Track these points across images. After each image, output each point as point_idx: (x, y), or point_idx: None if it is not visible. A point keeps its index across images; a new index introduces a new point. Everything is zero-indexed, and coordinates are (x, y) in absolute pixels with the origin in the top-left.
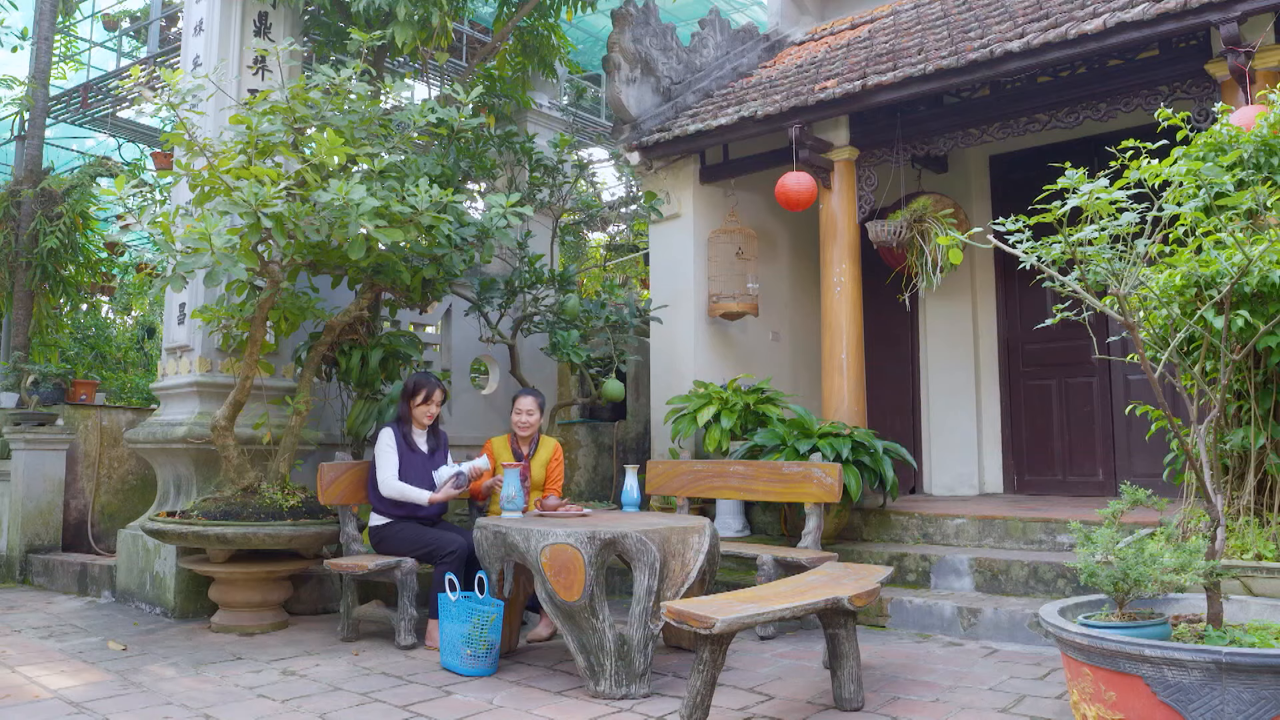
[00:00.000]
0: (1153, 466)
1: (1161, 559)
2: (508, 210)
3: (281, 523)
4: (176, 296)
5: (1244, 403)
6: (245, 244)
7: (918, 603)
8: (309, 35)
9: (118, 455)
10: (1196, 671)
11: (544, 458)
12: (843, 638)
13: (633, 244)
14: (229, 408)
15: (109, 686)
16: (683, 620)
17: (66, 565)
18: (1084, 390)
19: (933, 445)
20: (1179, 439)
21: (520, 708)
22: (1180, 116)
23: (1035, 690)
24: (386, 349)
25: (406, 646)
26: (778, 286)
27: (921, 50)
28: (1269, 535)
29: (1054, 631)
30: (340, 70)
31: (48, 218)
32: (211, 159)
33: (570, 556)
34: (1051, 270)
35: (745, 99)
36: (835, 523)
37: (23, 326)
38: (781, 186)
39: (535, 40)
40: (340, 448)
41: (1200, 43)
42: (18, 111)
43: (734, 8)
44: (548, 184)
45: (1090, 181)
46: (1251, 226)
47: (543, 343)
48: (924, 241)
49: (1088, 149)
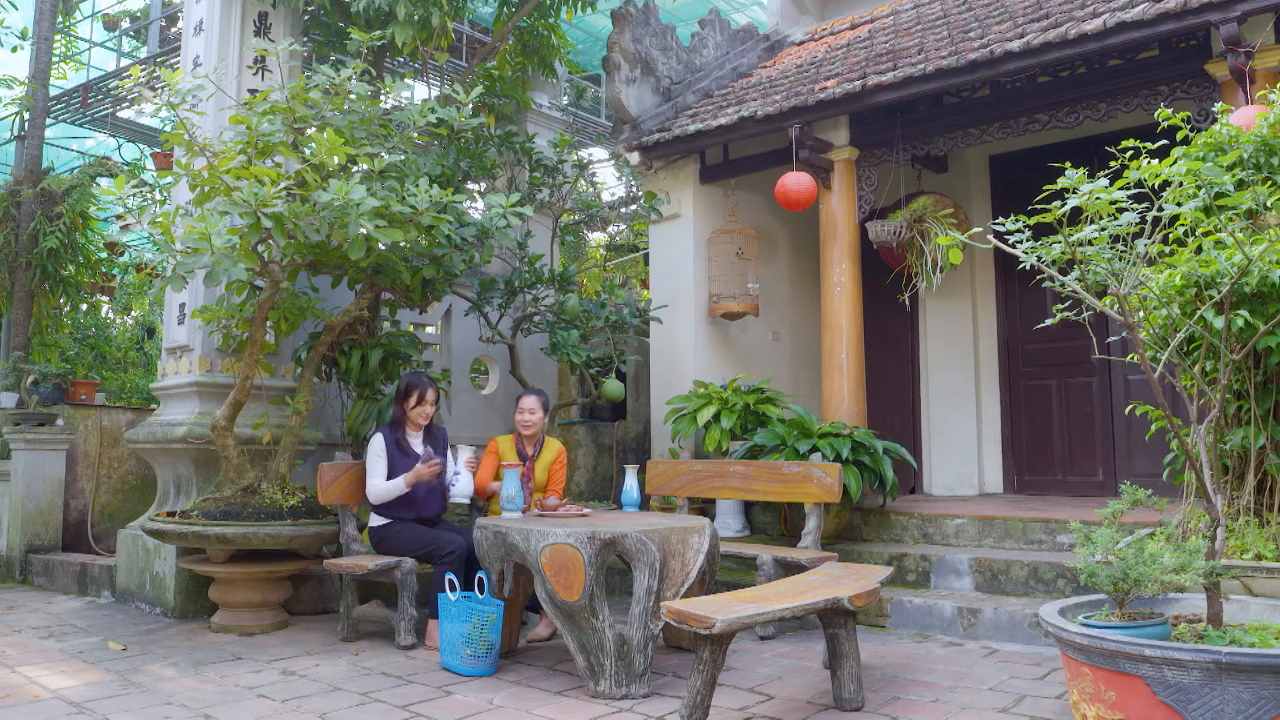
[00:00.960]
0: (1153, 466)
1: (1161, 559)
2: (508, 210)
3: (281, 523)
4: (176, 296)
5: (1244, 403)
6: (245, 244)
7: (918, 603)
8: (309, 35)
9: (118, 455)
10: (1196, 671)
11: (548, 459)
12: (843, 638)
13: (633, 244)
14: (229, 408)
15: (109, 686)
16: (683, 620)
17: (66, 565)
18: (1084, 390)
19: (933, 445)
20: (1179, 439)
21: (520, 708)
22: (1180, 116)
23: (1035, 690)
24: (386, 349)
25: (406, 646)
26: (778, 286)
27: (921, 50)
28: (1269, 535)
29: (1054, 631)
30: (340, 70)
31: (48, 218)
32: (211, 159)
33: (570, 556)
34: (1051, 270)
35: (745, 99)
36: (835, 523)
37: (23, 326)
38: (781, 186)
39: (535, 40)
40: (340, 448)
41: (1200, 43)
42: (18, 111)
43: (734, 8)
44: (548, 184)
45: (1090, 181)
46: (1251, 226)
47: (543, 343)
48: (924, 241)
49: (1088, 149)
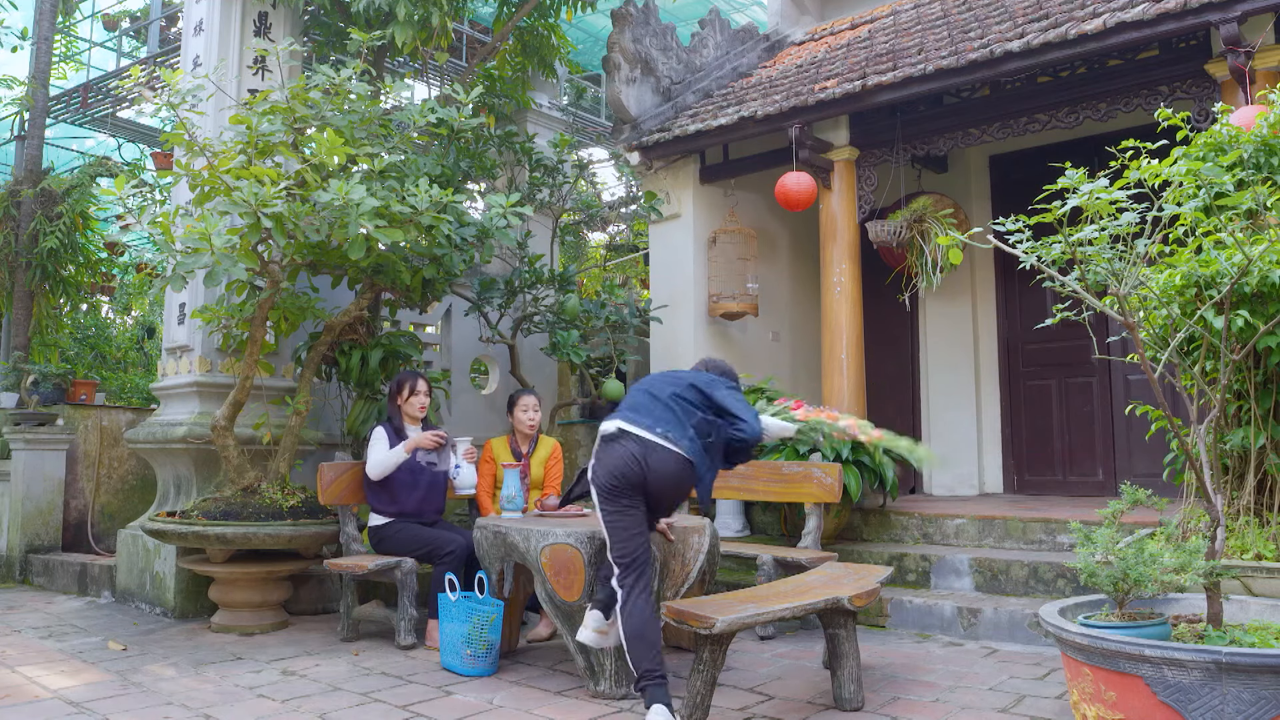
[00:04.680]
0: (1153, 466)
1: (1161, 559)
2: (508, 210)
3: (281, 523)
4: (176, 296)
5: (1244, 403)
6: (245, 244)
7: (918, 603)
8: (309, 35)
9: (118, 455)
10: (1196, 671)
11: (543, 455)
12: (843, 638)
13: (633, 244)
14: (229, 408)
15: (109, 686)
16: (683, 620)
17: (66, 565)
18: (1084, 390)
19: (933, 445)
20: (1179, 439)
21: (520, 708)
22: (1180, 116)
23: (1035, 690)
24: (386, 349)
25: (406, 646)
26: (778, 286)
27: (921, 50)
28: (1269, 535)
29: (1054, 631)
30: (340, 70)
31: (48, 218)
32: (211, 159)
33: (570, 556)
34: (1051, 270)
35: (745, 99)
36: (835, 523)
37: (23, 326)
38: (781, 186)
39: (535, 40)
40: (340, 448)
41: (1200, 43)
42: (18, 111)
43: (734, 8)
44: (548, 184)
45: (1090, 181)
46: (1251, 226)
47: (543, 343)
48: (924, 241)
49: (1088, 149)
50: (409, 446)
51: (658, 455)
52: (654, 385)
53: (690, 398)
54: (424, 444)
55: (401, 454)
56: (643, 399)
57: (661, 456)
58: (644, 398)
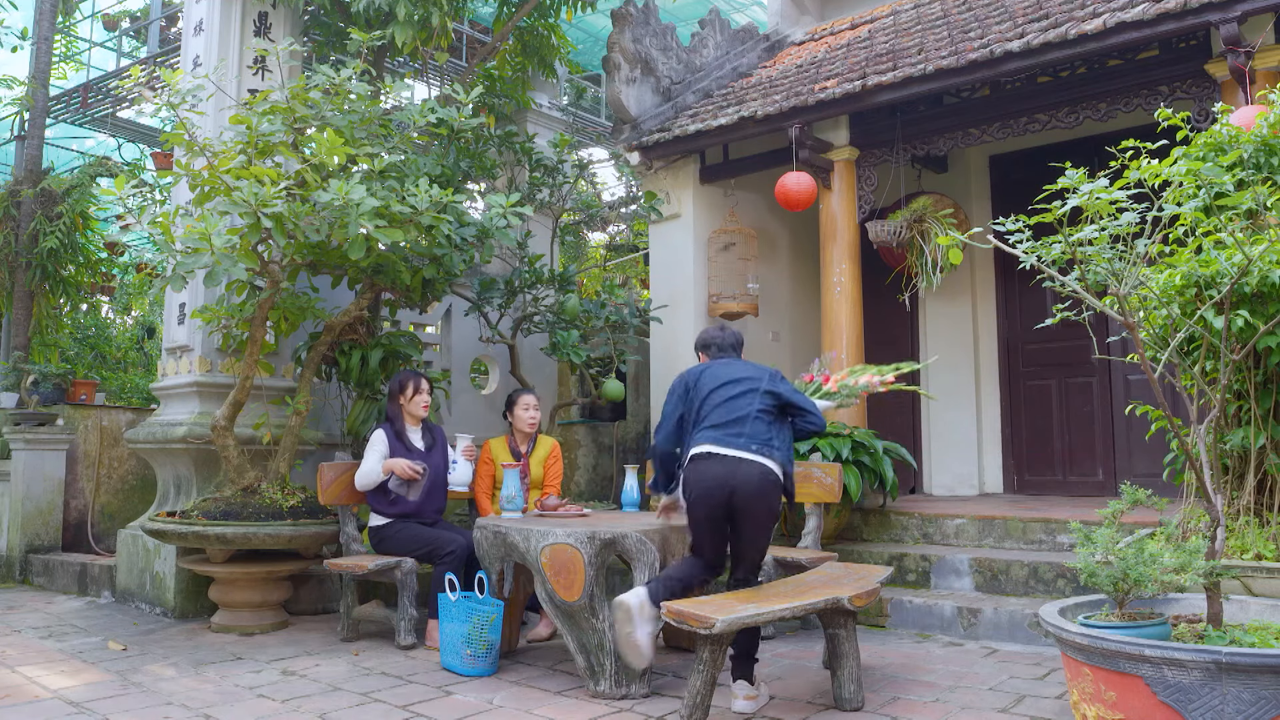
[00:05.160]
0: (1153, 466)
1: (1161, 559)
2: (508, 210)
3: (281, 523)
4: (176, 296)
5: (1244, 403)
6: (245, 244)
7: (918, 603)
8: (309, 35)
9: (118, 455)
10: (1196, 671)
11: (542, 455)
12: (843, 638)
13: (633, 244)
14: (229, 408)
15: (109, 686)
16: (683, 620)
17: (66, 565)
18: (1084, 390)
19: (933, 445)
20: (1179, 439)
21: (520, 708)
22: (1180, 116)
23: (1035, 690)
24: (386, 349)
25: (406, 646)
26: (778, 286)
27: (921, 50)
28: (1269, 535)
29: (1054, 631)
30: (340, 70)
31: (48, 218)
32: (211, 159)
33: (570, 556)
34: (1051, 270)
35: (745, 99)
36: (835, 523)
37: (23, 326)
38: (781, 187)
39: (535, 40)
40: (340, 448)
41: (1200, 43)
42: (18, 111)
43: (734, 8)
44: (548, 184)
45: (1090, 181)
46: (1251, 226)
47: (543, 343)
48: (924, 241)
49: (1088, 149)
50: (386, 469)
51: (745, 470)
52: (723, 394)
53: (769, 405)
54: (400, 472)
55: (379, 471)
56: (720, 413)
57: (749, 470)
58: (721, 411)
